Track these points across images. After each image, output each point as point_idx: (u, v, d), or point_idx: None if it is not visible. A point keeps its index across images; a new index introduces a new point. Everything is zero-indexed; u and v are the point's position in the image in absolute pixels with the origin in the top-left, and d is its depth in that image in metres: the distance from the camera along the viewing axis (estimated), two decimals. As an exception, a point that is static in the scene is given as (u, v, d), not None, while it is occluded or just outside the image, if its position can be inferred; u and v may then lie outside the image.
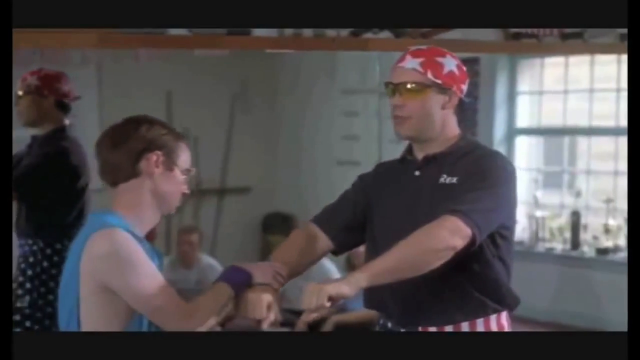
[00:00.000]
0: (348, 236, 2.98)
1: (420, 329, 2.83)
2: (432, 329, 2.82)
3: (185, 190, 2.74)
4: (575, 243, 7.82)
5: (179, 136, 2.75)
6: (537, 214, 8.00)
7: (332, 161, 9.17)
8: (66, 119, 4.51)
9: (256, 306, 2.68)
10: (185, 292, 2.85)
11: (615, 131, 7.59)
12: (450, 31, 3.88)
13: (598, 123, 7.93)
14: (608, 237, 7.65)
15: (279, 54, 8.52)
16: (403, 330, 2.85)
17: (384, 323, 2.92)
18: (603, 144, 7.99)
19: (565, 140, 8.31)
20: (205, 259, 7.58)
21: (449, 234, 2.64)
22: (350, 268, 6.38)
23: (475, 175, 2.77)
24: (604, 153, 7.95)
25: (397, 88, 2.84)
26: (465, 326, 2.81)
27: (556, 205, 8.18)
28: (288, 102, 9.64)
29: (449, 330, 2.81)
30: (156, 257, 2.69)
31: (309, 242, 2.94)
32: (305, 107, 9.49)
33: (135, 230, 2.63)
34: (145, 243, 2.65)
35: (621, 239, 7.49)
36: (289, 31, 3.81)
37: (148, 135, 2.67)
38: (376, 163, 3.10)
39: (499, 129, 8.26)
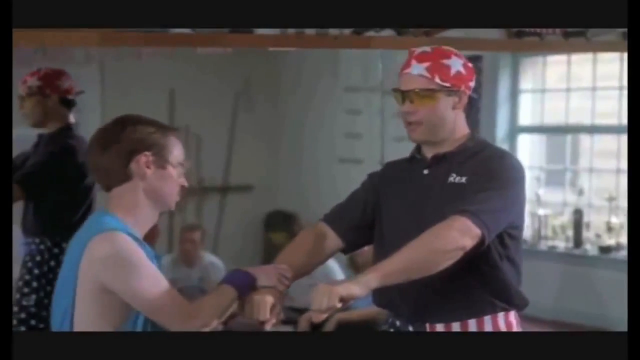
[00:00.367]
0: (358, 235, 2.99)
1: (427, 326, 2.83)
2: (440, 326, 2.82)
3: (183, 183, 2.70)
4: (577, 241, 7.82)
5: (168, 130, 2.68)
6: (540, 212, 8.00)
7: (335, 159, 9.17)
8: (72, 117, 4.52)
9: (260, 308, 2.69)
10: (187, 290, 2.84)
11: (618, 129, 7.59)
12: (453, 29, 3.88)
13: (600, 121, 7.92)
14: (610, 235, 7.65)
15: (282, 53, 8.52)
16: (411, 327, 2.86)
17: (393, 321, 2.93)
18: (605, 142, 7.97)
19: (568, 138, 8.30)
20: (208, 257, 7.57)
21: (458, 234, 2.64)
22: (353, 266, 6.38)
23: (484, 175, 2.78)
24: (606, 151, 7.94)
25: (407, 95, 2.84)
26: (472, 323, 2.81)
27: (559, 204, 8.18)
28: (291, 100, 9.64)
29: (457, 327, 2.81)
30: (154, 259, 2.66)
31: (319, 241, 2.95)
32: (307, 105, 9.48)
33: (134, 231, 2.61)
34: (144, 245, 2.62)
35: (624, 237, 7.48)
36: (291, 30, 3.81)
37: (134, 136, 2.61)
38: (378, 161, 3.11)
39: (501, 127, 8.25)
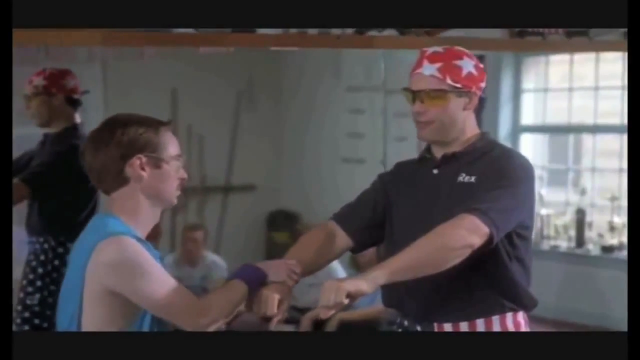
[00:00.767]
0: (367, 235, 2.98)
1: (435, 326, 2.83)
2: (448, 325, 2.82)
3: (182, 176, 2.65)
4: (580, 241, 7.82)
5: (160, 125, 2.62)
6: (542, 211, 7.99)
7: (337, 159, 9.17)
8: (78, 117, 4.53)
9: (268, 303, 2.68)
10: (190, 290, 2.84)
11: (620, 129, 7.58)
12: (455, 29, 3.88)
13: (603, 121, 7.92)
14: (613, 235, 7.65)
15: (284, 52, 8.52)
16: (419, 327, 2.86)
17: (401, 321, 2.93)
18: (608, 141, 7.98)
19: (570, 138, 8.30)
20: (210, 257, 7.57)
21: (466, 232, 2.64)
22: (355, 266, 6.38)
23: (493, 174, 2.78)
24: (609, 151, 7.94)
25: (417, 95, 2.84)
26: (480, 323, 2.81)
27: (561, 203, 8.18)
28: (293, 100, 9.64)
29: (464, 327, 2.81)
30: (158, 260, 2.63)
31: (328, 240, 2.94)
32: (310, 105, 9.48)
33: (137, 233, 2.59)
34: (148, 245, 2.60)
35: (626, 237, 7.48)
36: (293, 30, 3.81)
37: (124, 139, 2.56)
38: (381, 161, 3.10)
39: (503, 127, 8.25)
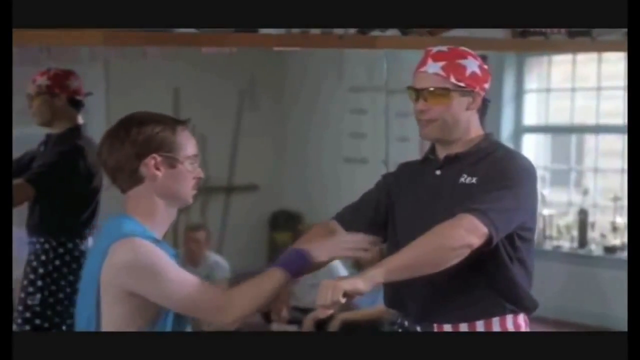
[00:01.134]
0: (368, 234, 2.97)
1: (435, 326, 2.83)
2: (447, 326, 2.82)
3: (199, 175, 2.61)
4: (582, 241, 7.81)
5: (177, 124, 2.59)
6: (545, 212, 7.99)
7: (340, 159, 9.18)
8: (80, 118, 4.53)
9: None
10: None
11: (623, 129, 7.55)
12: (458, 29, 3.88)
13: (605, 121, 7.92)
14: (615, 235, 7.65)
15: (287, 52, 8.52)
16: (419, 327, 2.86)
17: (402, 322, 2.93)
18: (610, 141, 7.97)
19: (573, 138, 8.30)
20: (212, 257, 7.58)
21: (465, 232, 2.64)
22: (357, 266, 6.38)
23: (495, 175, 2.77)
24: (611, 151, 7.93)
25: (421, 93, 2.84)
26: (480, 325, 2.81)
27: (563, 203, 8.18)
28: (295, 100, 9.65)
29: (464, 328, 2.81)
30: (174, 258, 2.60)
31: (329, 238, 2.93)
32: (312, 105, 9.49)
33: (153, 233, 2.56)
34: (163, 244, 2.57)
35: (628, 237, 7.49)
36: (296, 30, 3.82)
37: (140, 138, 2.53)
38: (383, 161, 3.10)
39: (506, 127, 8.25)
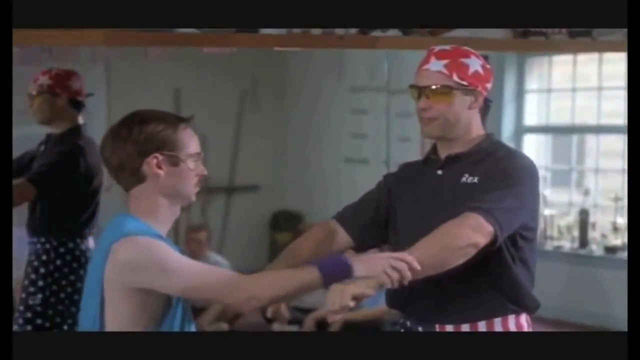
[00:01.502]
0: (369, 235, 2.97)
1: (437, 327, 2.83)
2: (449, 327, 2.82)
3: (202, 172, 2.59)
4: (583, 241, 7.81)
5: (180, 122, 2.57)
6: (546, 212, 7.99)
7: (340, 159, 9.18)
8: (81, 118, 4.54)
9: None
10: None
11: (624, 129, 7.52)
12: (458, 29, 3.88)
13: (606, 121, 7.92)
14: (616, 236, 7.65)
15: (288, 52, 8.52)
16: (420, 328, 2.85)
17: (404, 322, 2.92)
18: (611, 142, 7.97)
19: (574, 138, 8.30)
20: (213, 257, 7.59)
21: (471, 231, 2.63)
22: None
23: (497, 174, 2.77)
24: (612, 151, 7.93)
25: (423, 91, 2.83)
26: (482, 325, 2.80)
27: (564, 204, 8.18)
28: (296, 100, 9.65)
29: (466, 328, 2.80)
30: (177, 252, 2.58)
31: (327, 238, 2.94)
32: (313, 105, 9.49)
33: (156, 231, 2.54)
34: (166, 240, 2.55)
35: (629, 237, 7.48)
36: (297, 30, 3.82)
37: (142, 137, 2.51)
38: (384, 161, 3.10)
39: (507, 127, 8.25)
